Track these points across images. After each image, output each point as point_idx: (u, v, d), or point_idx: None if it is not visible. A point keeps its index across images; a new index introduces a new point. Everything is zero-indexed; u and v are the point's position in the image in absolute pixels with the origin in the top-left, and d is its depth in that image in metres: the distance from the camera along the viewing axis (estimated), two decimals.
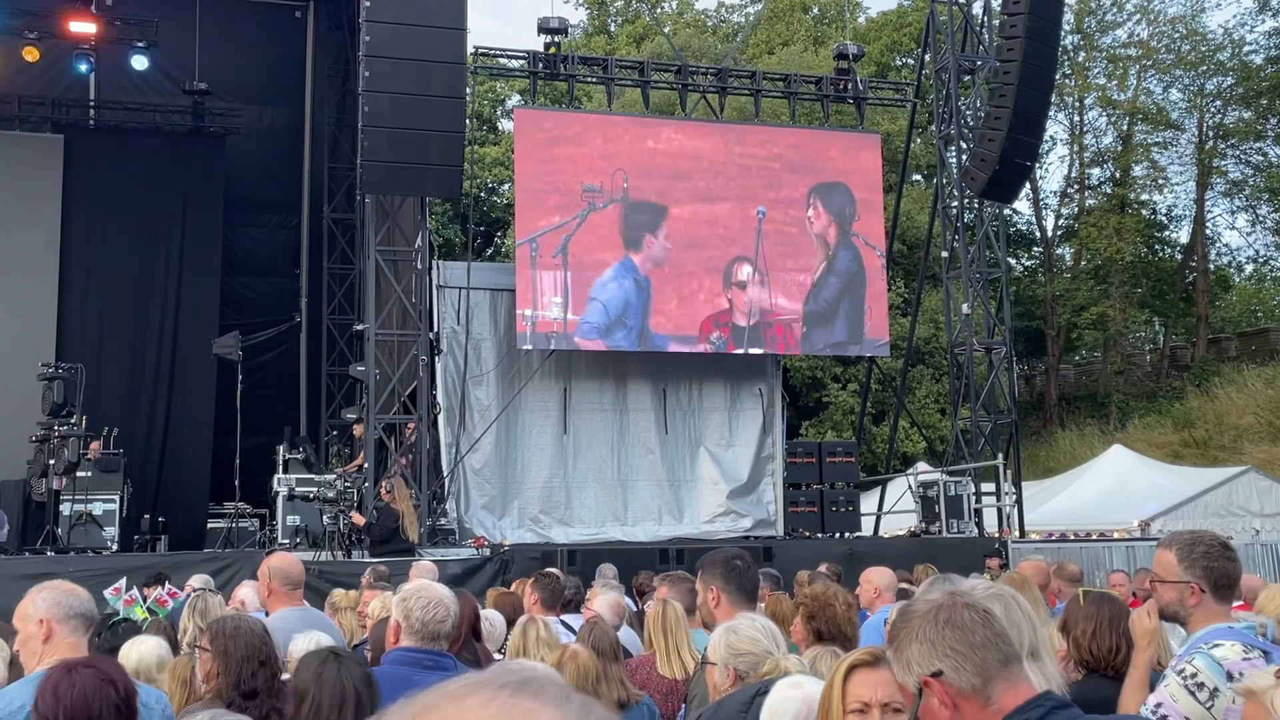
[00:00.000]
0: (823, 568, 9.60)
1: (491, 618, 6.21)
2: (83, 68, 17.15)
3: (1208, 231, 34.53)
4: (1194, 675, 3.09)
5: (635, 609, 7.23)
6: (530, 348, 14.96)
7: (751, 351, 16.04)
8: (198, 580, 9.44)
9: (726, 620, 3.76)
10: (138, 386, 17.54)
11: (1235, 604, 3.82)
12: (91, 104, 18.74)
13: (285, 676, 3.78)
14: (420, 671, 3.67)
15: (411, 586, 3.96)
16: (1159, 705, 3.14)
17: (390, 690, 3.39)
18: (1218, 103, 33.36)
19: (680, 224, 15.71)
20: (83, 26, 16.58)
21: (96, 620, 3.79)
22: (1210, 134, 33.47)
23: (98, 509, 13.23)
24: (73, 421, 13.16)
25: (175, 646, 5.27)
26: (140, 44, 17.18)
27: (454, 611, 3.84)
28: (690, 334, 15.63)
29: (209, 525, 15.85)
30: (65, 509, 12.88)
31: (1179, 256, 35.15)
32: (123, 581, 9.09)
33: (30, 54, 16.85)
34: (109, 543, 13.07)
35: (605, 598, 5.91)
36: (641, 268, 15.45)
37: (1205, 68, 32.90)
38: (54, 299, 17.31)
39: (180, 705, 3.99)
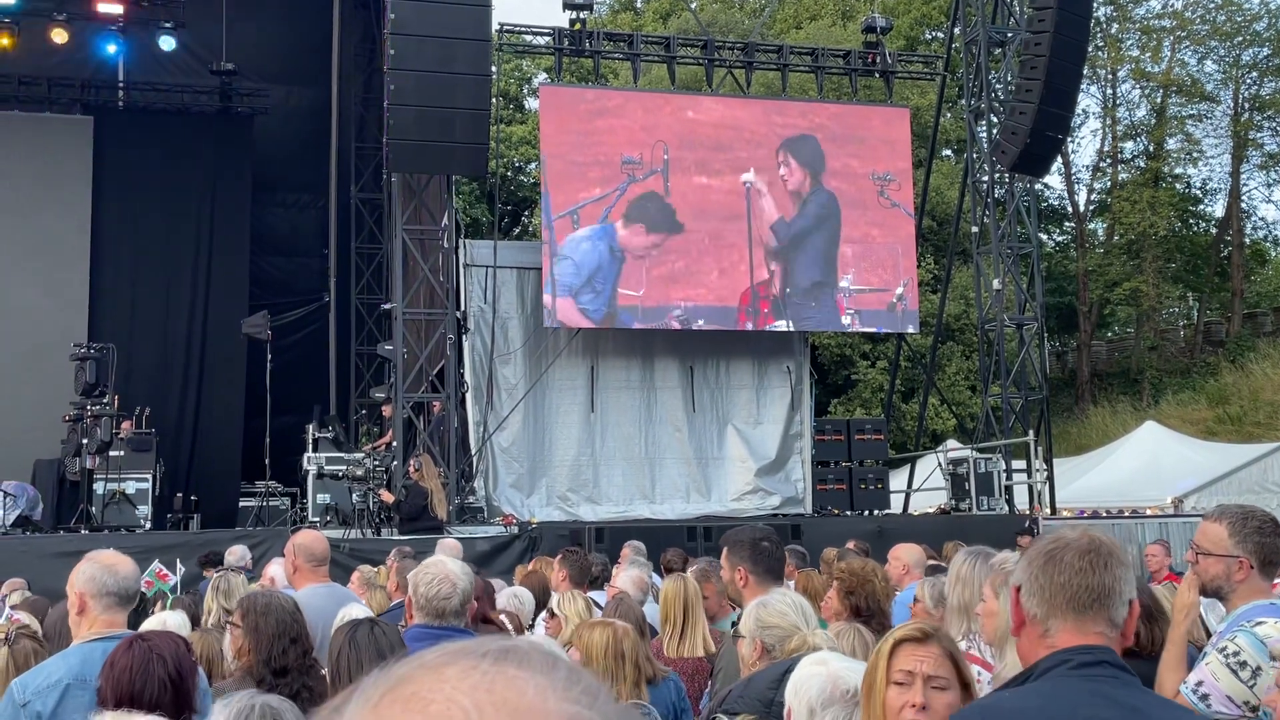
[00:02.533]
0: (851, 545, 9.55)
1: (521, 595, 6.22)
2: (111, 49, 17.21)
3: (1243, 205, 34.02)
4: (1236, 653, 3.03)
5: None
6: (561, 322, 14.98)
7: (785, 327, 16.00)
8: (236, 553, 9.53)
9: (754, 599, 3.74)
10: (169, 366, 17.66)
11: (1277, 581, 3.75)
12: (120, 85, 18.80)
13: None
14: None
15: (425, 562, 3.96)
16: (1200, 683, 3.08)
17: None
18: (1254, 74, 32.79)
19: (721, 195, 15.69)
20: (110, 7, 16.63)
21: (134, 596, 3.78)
22: (1246, 106, 32.92)
23: (131, 488, 13.35)
24: (105, 401, 13.24)
25: (196, 622, 5.29)
26: (167, 24, 17.22)
27: (461, 588, 3.80)
28: (730, 305, 15.68)
29: (240, 504, 15.97)
30: (99, 488, 12.99)
31: (1214, 231, 34.66)
32: (155, 564, 9.17)
33: (59, 35, 16.93)
34: (142, 521, 13.19)
35: (629, 574, 5.89)
36: (621, 239, 15.36)
37: (1241, 38, 32.32)
38: (85, 279, 17.43)
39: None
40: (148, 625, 4.06)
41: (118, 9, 16.67)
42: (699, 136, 15.73)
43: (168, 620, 4.37)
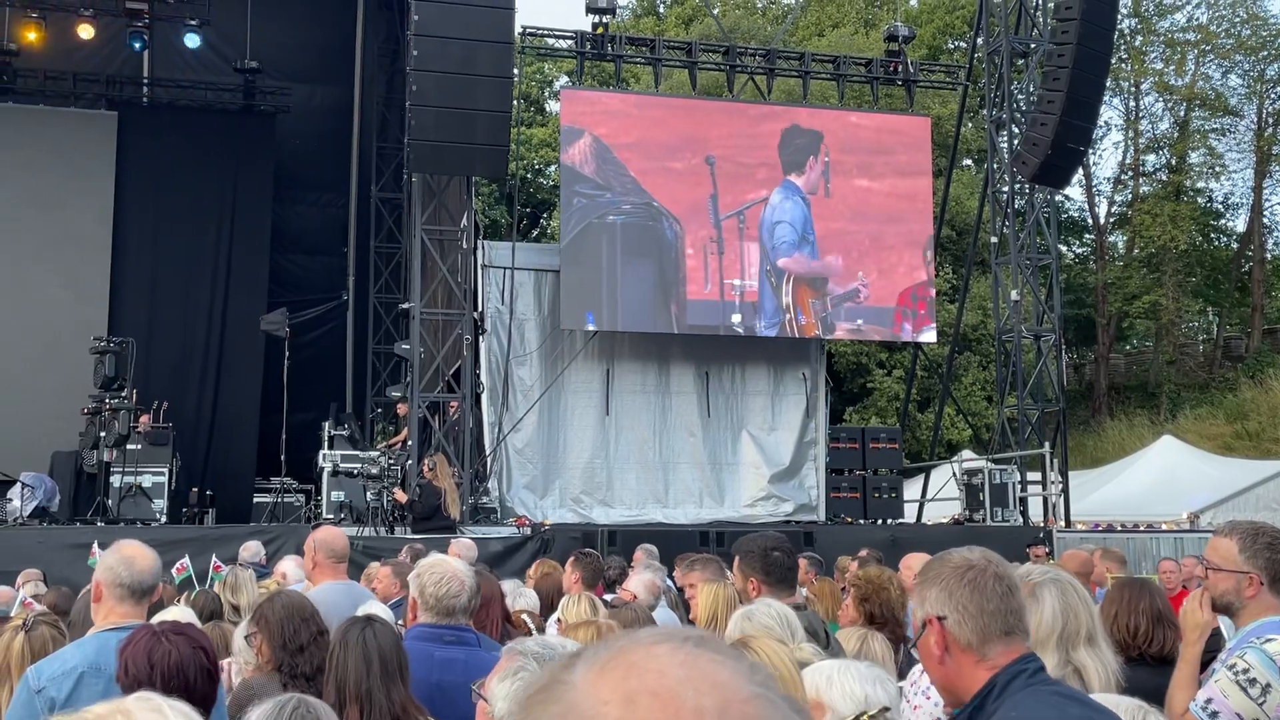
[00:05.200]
0: (864, 553, 9.54)
1: (526, 595, 6.23)
2: (136, 45, 17.33)
3: (1265, 220, 33.82)
4: (1246, 670, 3.02)
5: (675, 590, 7.20)
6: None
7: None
8: (250, 549, 9.57)
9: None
10: (187, 361, 17.76)
11: None
12: (145, 81, 18.94)
13: None
14: (442, 646, 3.66)
15: (426, 562, 3.94)
16: (1209, 700, 3.07)
17: (413, 666, 3.38)
18: (1278, 89, 32.62)
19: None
20: (136, 4, 16.76)
21: (149, 590, 3.80)
22: (1270, 120, 32.76)
23: (147, 481, 13.43)
24: (123, 395, 13.32)
25: (203, 617, 5.30)
26: (193, 22, 17.33)
27: (469, 587, 3.79)
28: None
29: (255, 500, 16.04)
30: (115, 481, 13.07)
31: (1235, 245, 34.46)
32: (185, 560, 9.19)
33: (85, 31, 17.07)
34: (158, 515, 13.27)
35: (640, 577, 5.89)
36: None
37: (1266, 53, 32.15)
38: (106, 274, 17.56)
39: None
40: (159, 618, 4.08)
41: (143, 5, 16.79)
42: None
43: (177, 616, 4.40)
